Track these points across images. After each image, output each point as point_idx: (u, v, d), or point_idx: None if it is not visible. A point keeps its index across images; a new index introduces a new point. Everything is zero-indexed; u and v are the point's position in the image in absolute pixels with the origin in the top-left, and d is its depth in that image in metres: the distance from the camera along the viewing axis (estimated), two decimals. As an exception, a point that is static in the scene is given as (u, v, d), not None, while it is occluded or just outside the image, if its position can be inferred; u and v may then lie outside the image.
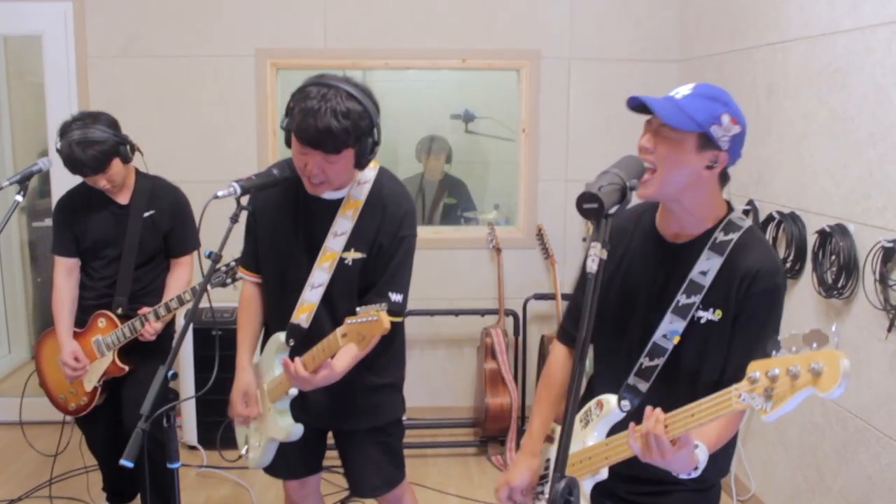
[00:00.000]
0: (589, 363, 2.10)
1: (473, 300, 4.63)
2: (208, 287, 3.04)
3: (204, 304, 3.17)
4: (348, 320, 2.06)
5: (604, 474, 1.90)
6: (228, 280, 3.05)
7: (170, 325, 3.32)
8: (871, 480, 2.79)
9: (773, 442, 3.40)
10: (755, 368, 1.53)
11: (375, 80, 5.68)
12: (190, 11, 4.42)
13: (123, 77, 4.41)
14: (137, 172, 3.25)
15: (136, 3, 4.39)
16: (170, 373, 2.00)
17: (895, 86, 2.67)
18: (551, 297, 4.49)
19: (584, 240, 4.60)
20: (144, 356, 3.24)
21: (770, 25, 3.50)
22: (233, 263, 3.04)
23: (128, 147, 3.11)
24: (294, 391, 2.36)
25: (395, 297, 2.32)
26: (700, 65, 4.29)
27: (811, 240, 3.08)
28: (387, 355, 2.44)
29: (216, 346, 2.48)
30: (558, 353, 2.17)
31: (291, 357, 2.30)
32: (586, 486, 1.93)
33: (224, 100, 4.50)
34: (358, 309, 2.07)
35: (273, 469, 2.58)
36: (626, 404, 1.88)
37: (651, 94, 1.82)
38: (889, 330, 2.66)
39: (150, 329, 3.11)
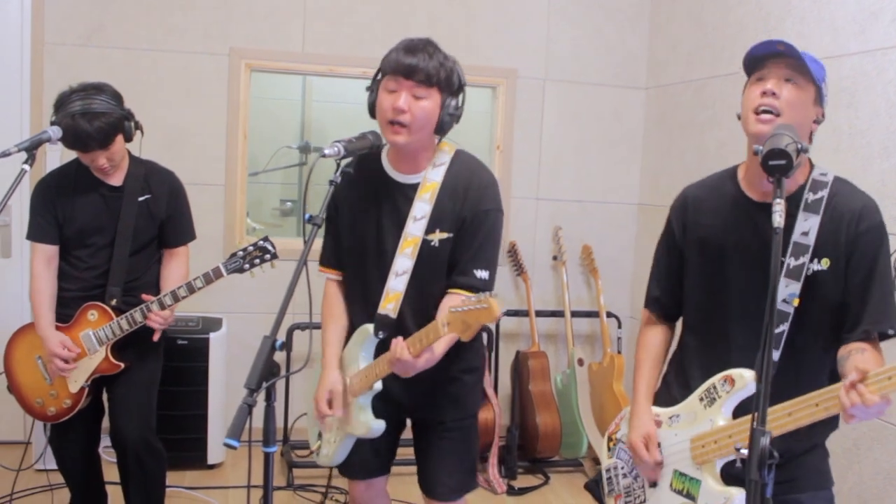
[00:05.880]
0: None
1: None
2: (224, 273, 2.87)
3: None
4: (451, 308, 1.94)
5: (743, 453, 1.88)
6: (246, 265, 2.87)
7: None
8: (889, 476, 2.91)
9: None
10: None
11: (333, 100, 5.58)
12: (161, 3, 4.19)
13: (84, 67, 4.09)
14: (130, 155, 3.02)
15: (103, -11, 4.13)
16: (278, 342, 1.82)
17: (910, 102, 2.89)
18: (523, 313, 4.49)
19: (555, 258, 4.65)
20: (139, 354, 2.98)
21: (761, 51, 3.70)
22: (251, 248, 2.87)
23: (132, 124, 2.89)
24: (379, 385, 2.23)
25: (481, 273, 2.21)
26: (671, 91, 4.47)
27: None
28: (468, 343, 2.31)
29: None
30: (654, 328, 2.22)
31: (379, 349, 2.23)
32: (716, 468, 1.92)
33: (193, 98, 4.27)
34: (460, 298, 2.05)
35: (344, 467, 2.43)
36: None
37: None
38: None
39: (159, 318, 2.85)
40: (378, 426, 2.26)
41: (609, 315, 4.54)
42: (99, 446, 3.17)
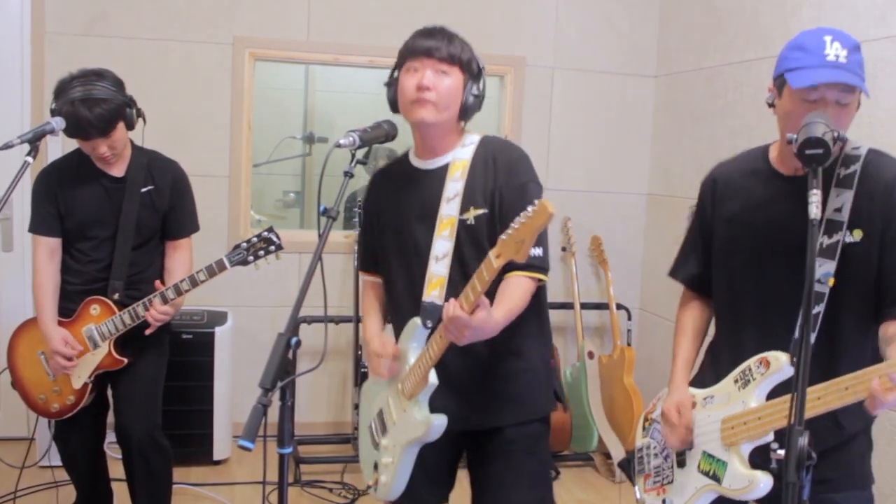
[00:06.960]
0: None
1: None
2: (227, 266, 2.80)
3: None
4: (502, 236, 1.77)
5: (769, 437, 1.83)
6: (250, 257, 2.81)
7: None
8: (911, 471, 2.86)
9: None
10: None
11: (337, 89, 5.51)
12: (164, -9, 4.13)
13: (85, 57, 3.95)
14: (133, 144, 2.95)
15: (104, -23, 4.06)
16: (293, 340, 1.75)
17: (933, 89, 2.82)
18: (532, 306, 4.42)
19: (564, 249, 4.58)
20: (141, 349, 2.91)
21: (777, 39, 3.63)
22: (254, 240, 2.81)
23: (134, 111, 2.82)
24: (434, 379, 2.03)
25: (535, 251, 2.02)
26: (682, 79, 4.40)
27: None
28: (524, 332, 2.14)
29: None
30: (693, 305, 2.20)
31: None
32: (744, 451, 1.87)
33: (197, 88, 4.20)
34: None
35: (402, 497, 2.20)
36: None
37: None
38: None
39: (156, 313, 2.77)
40: (440, 421, 2.04)
41: (619, 307, 4.48)
42: (104, 442, 3.11)
